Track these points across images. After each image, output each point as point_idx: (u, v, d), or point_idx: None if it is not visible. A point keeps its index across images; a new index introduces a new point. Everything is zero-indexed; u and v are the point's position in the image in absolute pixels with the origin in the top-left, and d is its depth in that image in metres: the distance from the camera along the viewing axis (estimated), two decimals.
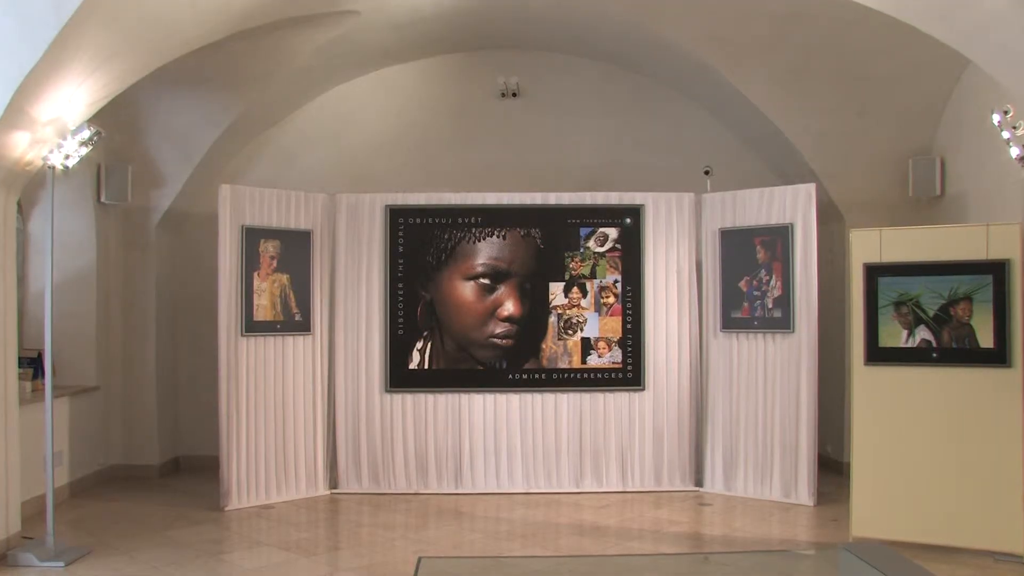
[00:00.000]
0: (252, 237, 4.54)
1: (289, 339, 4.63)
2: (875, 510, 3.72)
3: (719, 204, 4.85)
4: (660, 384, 4.83)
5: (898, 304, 3.75)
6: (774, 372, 4.65)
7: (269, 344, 4.57)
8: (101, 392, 5.13)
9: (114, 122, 4.70)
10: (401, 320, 4.75)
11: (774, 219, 4.66)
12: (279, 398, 4.62)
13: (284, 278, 4.62)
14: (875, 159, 4.99)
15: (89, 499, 4.70)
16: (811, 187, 4.62)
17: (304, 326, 4.68)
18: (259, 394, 4.56)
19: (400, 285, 4.76)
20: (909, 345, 3.71)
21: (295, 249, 4.67)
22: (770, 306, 4.64)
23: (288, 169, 5.49)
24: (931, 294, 3.68)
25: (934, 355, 3.65)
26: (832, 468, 5.14)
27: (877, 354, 3.75)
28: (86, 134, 3.58)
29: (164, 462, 5.38)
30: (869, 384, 3.73)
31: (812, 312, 4.54)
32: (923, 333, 3.70)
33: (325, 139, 5.53)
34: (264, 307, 4.51)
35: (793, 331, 4.58)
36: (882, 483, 3.73)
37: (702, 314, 4.84)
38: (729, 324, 4.78)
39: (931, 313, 3.68)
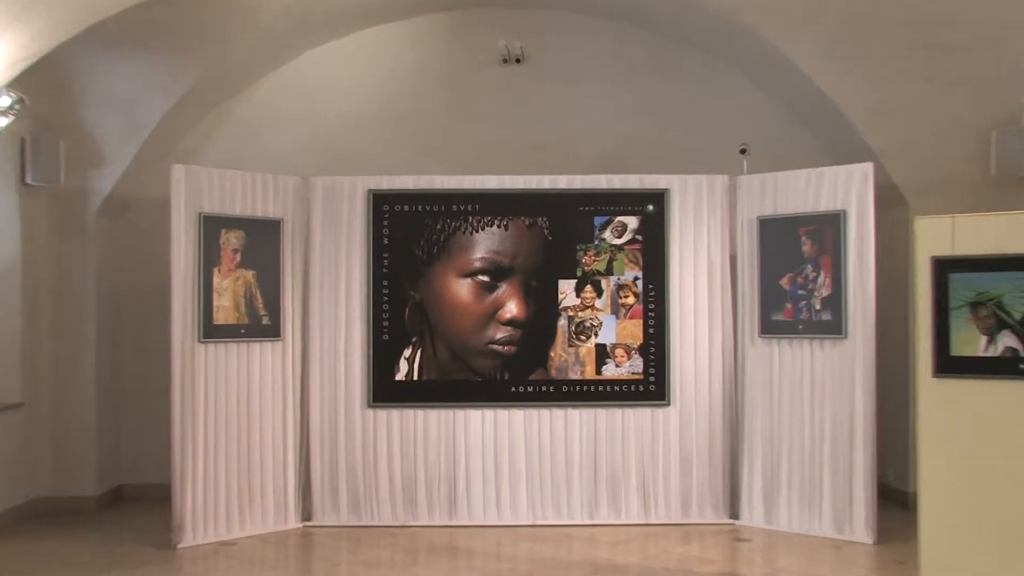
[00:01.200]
0: (211, 227, 4.35)
1: (255, 346, 4.45)
2: (950, 551, 3.42)
3: (757, 188, 4.63)
4: (688, 398, 4.64)
5: (975, 305, 3.41)
6: (823, 385, 4.43)
7: (231, 351, 4.38)
8: (26, 409, 4.87)
9: (42, 88, 4.48)
10: (386, 324, 4.59)
11: (823, 205, 4.44)
12: (243, 414, 4.44)
13: (249, 275, 4.43)
14: (947, 133, 4.74)
15: (11, 538, 4.46)
16: (868, 167, 4.40)
17: (273, 330, 4.51)
18: (219, 410, 4.37)
19: (385, 283, 4.59)
20: (989, 354, 3.37)
21: (262, 241, 4.48)
22: (818, 307, 4.44)
23: (253, 147, 5.30)
24: (1017, 293, 3.34)
25: (1021, 366, 3.36)
26: (895, 499, 4.91)
27: (949, 365, 3.44)
28: (5, 101, 3.32)
29: (103, 492, 5.14)
30: (939, 400, 3.45)
31: (868, 314, 4.32)
32: (1007, 340, 3.36)
33: (296, 113, 5.37)
34: (225, 308, 4.34)
35: (846, 337, 4.36)
36: (957, 519, 3.41)
37: (737, 317, 4.64)
38: (769, 328, 4.58)
39: (1017, 316, 3.36)
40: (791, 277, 4.51)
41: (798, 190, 4.52)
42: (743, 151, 4.77)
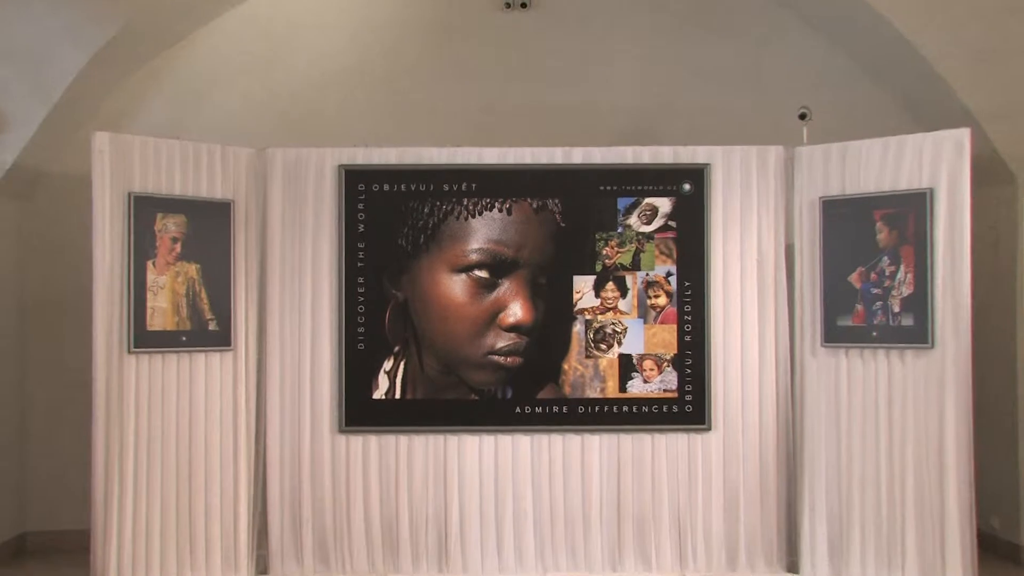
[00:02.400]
0: (144, 210, 4.11)
1: (199, 357, 4.19)
2: None
3: (821, 162, 4.32)
4: (733, 421, 4.33)
5: None
6: (903, 406, 4.09)
7: (170, 364, 4.13)
8: None
9: None
10: (362, 330, 4.33)
11: (904, 182, 4.11)
12: (183, 442, 4.17)
13: (192, 269, 4.19)
14: None
15: None
16: (963, 134, 4.03)
17: (221, 338, 4.24)
18: (154, 437, 4.12)
19: (361, 280, 4.33)
20: None
21: (208, 228, 4.23)
22: (896, 309, 4.11)
23: (195, 112, 4.94)
24: None
25: None
26: (1002, 553, 4.53)
27: None
28: None
29: (3, 543, 4.70)
30: None
31: (962, 319, 3.98)
32: None
33: (250, 68, 5.00)
34: (163, 311, 4.09)
35: (933, 346, 4.01)
36: None
37: (794, 322, 4.33)
38: (835, 336, 4.25)
39: None
40: (863, 272, 4.21)
41: (872, 164, 4.21)
42: (803, 116, 4.48)
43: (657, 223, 4.38)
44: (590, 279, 4.37)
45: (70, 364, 4.70)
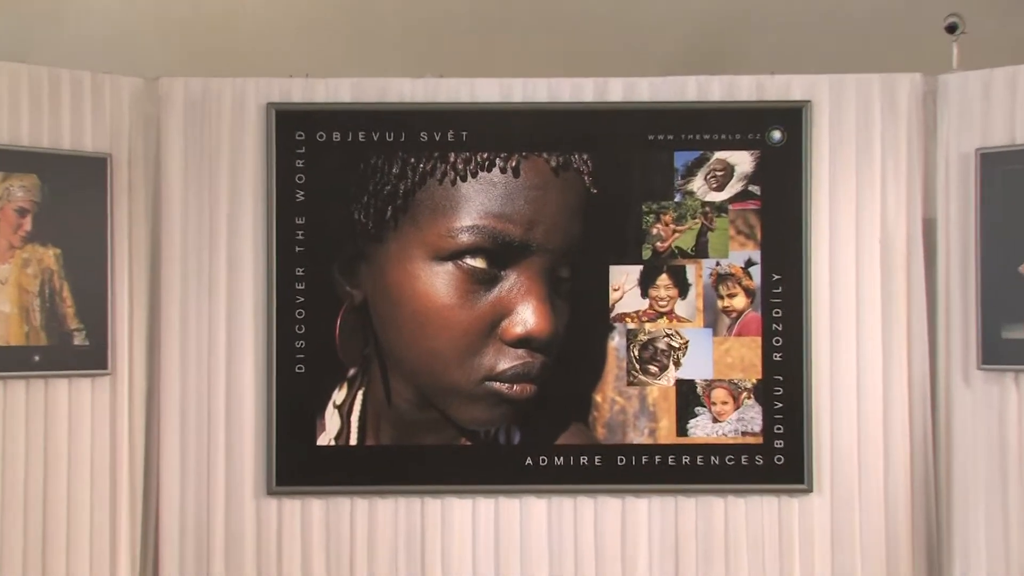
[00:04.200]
0: None
1: (60, 384, 3.84)
2: None
3: (978, 96, 3.95)
4: (846, 479, 3.94)
5: None
6: None
7: (15, 394, 3.72)
8: None
9: None
10: (301, 344, 3.99)
11: None
12: (35, 508, 3.81)
13: (49, 256, 3.82)
14: None
15: None
16: None
17: (93, 357, 3.88)
18: None
19: (300, 272, 4.00)
20: None
21: (73, 196, 3.91)
22: None
23: (53, 26, 4.42)
24: None
25: None
26: None
27: None
28: None
29: None
30: None
31: None
32: None
33: None
34: (4, 317, 3.78)
35: None
36: None
37: (936, 332, 3.95)
38: (998, 354, 3.82)
39: None
40: None
41: None
42: (952, 28, 3.97)
43: (733, 189, 4.01)
44: (634, 271, 3.99)
45: None
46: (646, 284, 3.89)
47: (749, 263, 3.89)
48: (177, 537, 3.83)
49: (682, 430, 3.86)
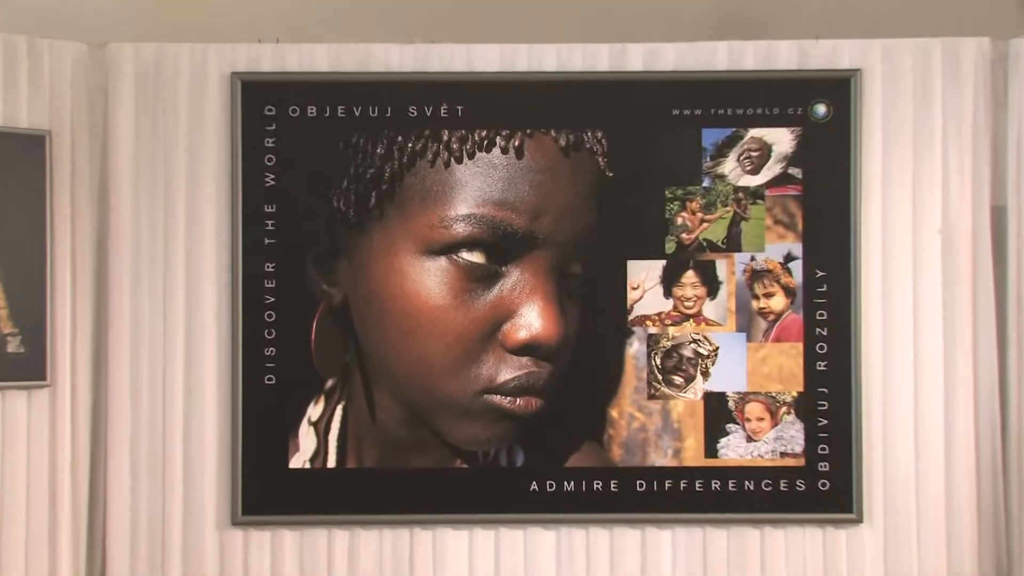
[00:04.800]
0: None
1: None
2: None
3: None
4: (901, 508, 3.73)
5: None
6: None
7: None
8: None
9: None
10: (271, 352, 3.81)
11: None
12: None
13: None
14: None
15: None
16: None
17: (29, 367, 3.70)
18: None
19: (270, 267, 3.82)
20: None
21: (5, 179, 3.73)
22: None
23: None
24: None
25: None
26: None
27: None
28: None
29: None
30: None
31: None
32: None
33: None
34: None
35: None
36: None
37: (1006, 338, 3.72)
38: None
39: None
40: None
41: None
42: None
43: (770, 172, 3.78)
44: (656, 266, 3.77)
45: None
46: (670, 282, 3.68)
47: (789, 258, 3.68)
48: (127, 571, 3.61)
49: (711, 451, 3.65)
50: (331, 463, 3.61)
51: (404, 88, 3.65)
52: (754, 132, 3.63)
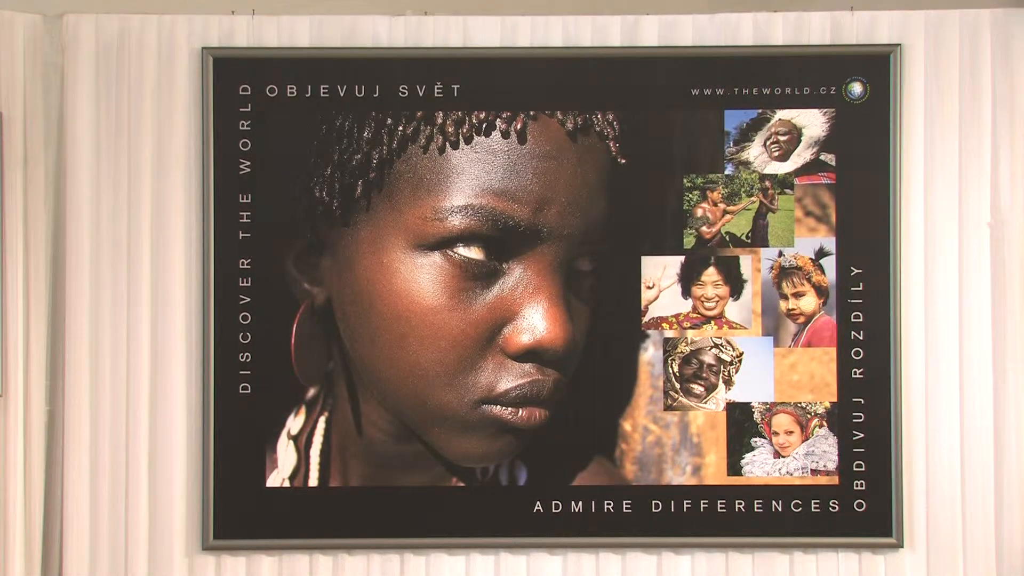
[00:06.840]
0: None
1: None
2: None
3: None
4: (946, 532, 3.59)
5: None
6: None
7: None
8: None
9: None
10: (246, 358, 3.69)
11: None
12: None
13: None
14: None
15: None
16: None
17: None
18: None
19: (245, 263, 3.69)
20: None
21: None
22: None
23: None
24: None
25: None
26: None
27: None
28: None
29: None
30: None
31: None
32: None
33: None
34: None
35: None
36: None
37: None
38: None
39: None
40: None
41: None
42: None
43: (800, 158, 3.60)
44: (674, 263, 3.61)
45: None
46: (688, 280, 3.50)
47: (821, 253, 3.49)
48: None
49: (734, 468, 3.47)
50: (313, 481, 3.47)
51: (394, 65, 3.49)
52: (782, 114, 3.47)
